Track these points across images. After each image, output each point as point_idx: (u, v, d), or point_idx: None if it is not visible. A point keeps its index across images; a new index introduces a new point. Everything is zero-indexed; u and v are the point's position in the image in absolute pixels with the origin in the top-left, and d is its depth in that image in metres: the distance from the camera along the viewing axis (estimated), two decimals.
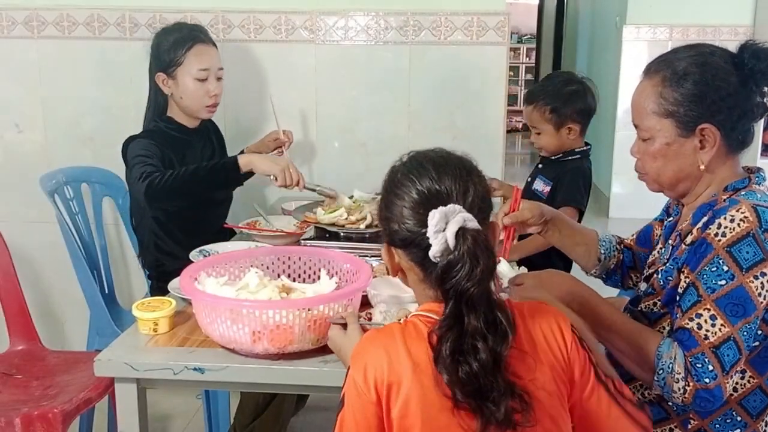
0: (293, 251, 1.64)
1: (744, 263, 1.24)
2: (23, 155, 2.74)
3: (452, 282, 0.99)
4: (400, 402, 1.01)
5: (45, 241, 2.75)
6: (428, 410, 1.00)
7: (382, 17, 2.61)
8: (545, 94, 2.22)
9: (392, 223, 1.08)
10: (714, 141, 1.33)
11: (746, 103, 1.33)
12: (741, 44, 1.34)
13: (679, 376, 1.24)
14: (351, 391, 1.04)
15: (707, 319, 1.25)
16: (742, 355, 1.25)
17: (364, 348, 1.06)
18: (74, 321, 2.82)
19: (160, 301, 1.50)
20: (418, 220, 1.04)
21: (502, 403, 0.99)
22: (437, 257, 1.01)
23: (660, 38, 3.74)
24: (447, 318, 1.00)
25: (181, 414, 2.67)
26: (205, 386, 1.99)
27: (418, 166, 1.09)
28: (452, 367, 0.98)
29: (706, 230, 1.29)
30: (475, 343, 0.99)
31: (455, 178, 1.06)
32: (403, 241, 1.07)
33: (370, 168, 2.71)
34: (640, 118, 1.39)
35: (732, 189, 1.35)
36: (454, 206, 1.02)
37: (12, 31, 2.65)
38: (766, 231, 1.25)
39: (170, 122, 2.24)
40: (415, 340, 1.03)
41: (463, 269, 0.99)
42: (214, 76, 2.20)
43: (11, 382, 2.02)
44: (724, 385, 1.24)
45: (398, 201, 1.08)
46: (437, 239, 1.01)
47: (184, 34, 2.18)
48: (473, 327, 0.99)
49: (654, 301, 1.42)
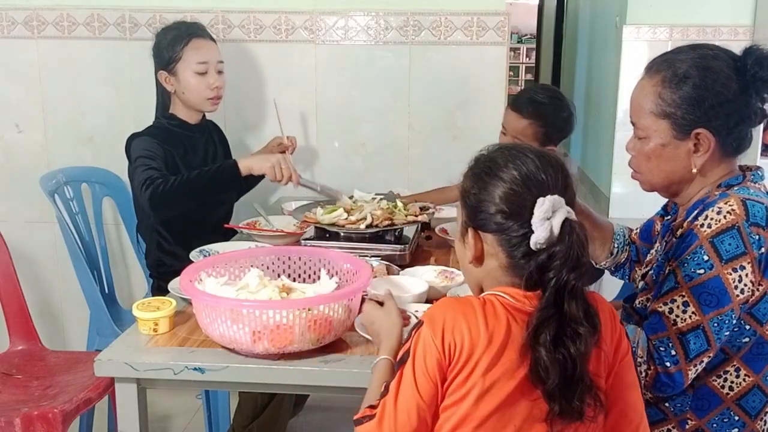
0: (293, 251, 1.64)
1: (724, 255, 1.25)
2: (23, 155, 2.74)
3: (555, 272, 1.01)
4: (466, 370, 1.02)
5: (45, 241, 2.76)
6: (490, 385, 1.02)
7: (382, 17, 2.61)
8: (541, 114, 2.14)
9: (489, 206, 1.07)
10: (708, 146, 1.33)
11: (745, 110, 1.33)
12: (745, 48, 1.33)
13: (641, 359, 1.27)
14: (421, 347, 1.04)
15: (680, 305, 1.27)
16: (711, 347, 1.26)
17: (443, 311, 1.06)
18: (74, 321, 2.83)
19: (160, 301, 1.50)
20: (521, 206, 1.04)
21: (585, 395, 1.02)
22: (540, 244, 1.02)
23: (660, 38, 3.74)
24: (546, 306, 1.01)
25: (181, 414, 2.67)
26: (205, 386, 1.99)
27: (520, 154, 1.09)
28: (551, 352, 1.00)
29: (694, 222, 1.30)
30: (576, 329, 1.01)
31: (557, 171, 1.07)
32: (500, 225, 1.07)
33: (370, 168, 2.71)
34: (638, 116, 1.39)
35: (726, 185, 1.35)
36: (560, 197, 1.03)
37: (12, 31, 2.65)
38: (753, 225, 1.25)
39: (172, 119, 2.27)
40: (493, 317, 1.04)
41: (569, 260, 1.00)
42: (215, 69, 2.22)
43: (11, 382, 2.02)
44: (686, 372, 1.26)
45: (501, 183, 1.07)
46: (543, 226, 1.02)
47: (181, 30, 2.23)
48: (573, 315, 1.01)
49: (647, 296, 1.42)
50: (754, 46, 1.33)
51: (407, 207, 2.05)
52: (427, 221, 2.03)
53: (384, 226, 1.90)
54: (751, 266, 1.25)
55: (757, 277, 1.26)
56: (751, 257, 1.25)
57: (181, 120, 2.27)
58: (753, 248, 1.25)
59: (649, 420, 1.39)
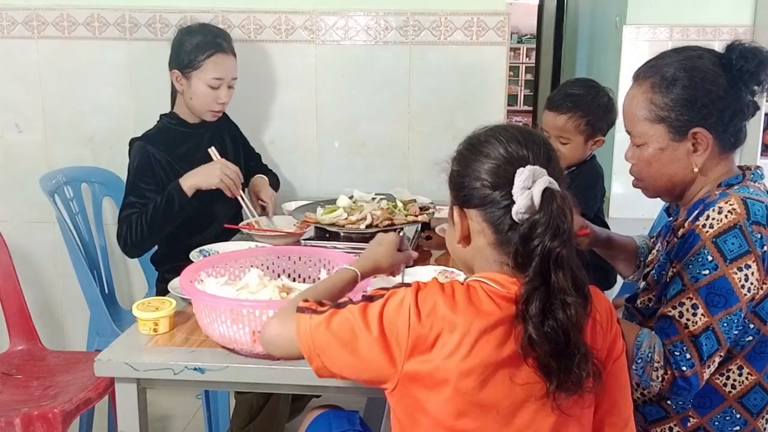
0: (293, 251, 1.65)
1: (728, 254, 1.25)
2: (23, 155, 2.74)
3: (538, 240, 1.01)
4: (449, 346, 1.00)
5: (45, 241, 2.75)
6: (473, 364, 1.00)
7: (382, 17, 2.61)
8: (580, 105, 2.08)
9: (472, 180, 1.08)
10: (707, 144, 1.34)
11: (737, 104, 1.34)
12: (728, 45, 1.35)
13: (658, 364, 1.27)
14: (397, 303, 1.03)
15: (689, 308, 1.27)
16: (722, 346, 1.27)
17: (430, 292, 1.04)
18: (74, 321, 2.83)
19: (160, 301, 1.50)
20: (503, 177, 1.05)
21: (582, 367, 1.01)
22: (521, 213, 1.02)
23: (660, 38, 3.74)
24: (533, 278, 1.01)
25: (181, 414, 2.67)
26: (205, 386, 1.99)
27: (504, 131, 1.10)
28: (540, 323, 0.99)
29: (695, 222, 1.30)
30: (564, 298, 1.00)
31: (539, 146, 1.08)
32: (483, 198, 1.07)
33: (370, 168, 2.71)
34: (633, 125, 1.40)
35: (725, 185, 1.36)
36: (540, 168, 1.04)
37: (12, 31, 2.65)
38: (754, 223, 1.26)
39: (173, 117, 2.29)
40: (480, 298, 1.03)
41: (550, 228, 1.00)
42: (227, 85, 2.23)
43: (11, 382, 2.02)
44: (701, 374, 1.26)
45: (482, 158, 1.08)
46: (523, 195, 1.02)
47: (207, 39, 2.20)
48: (561, 286, 1.01)
49: (649, 296, 1.43)
50: (735, 42, 1.35)
51: (407, 207, 2.05)
52: (427, 221, 2.03)
53: (384, 226, 1.90)
54: (757, 264, 1.25)
55: (762, 275, 1.27)
56: (755, 255, 1.25)
57: (181, 119, 2.28)
58: (756, 246, 1.25)
59: (651, 418, 1.40)
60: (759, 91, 1.35)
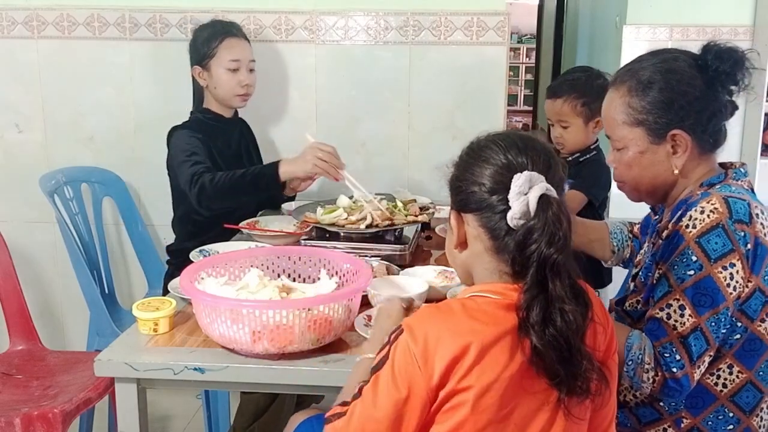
0: (293, 251, 1.64)
1: (712, 254, 1.26)
2: (23, 155, 2.74)
3: (534, 247, 1.00)
4: (454, 379, 0.98)
5: (45, 241, 2.75)
6: (490, 380, 0.99)
7: (382, 17, 2.61)
8: (575, 87, 2.19)
9: (470, 184, 1.08)
10: (686, 146, 1.35)
11: (714, 104, 1.35)
12: (703, 46, 1.36)
13: (649, 366, 1.27)
14: (401, 357, 1.00)
15: (676, 309, 1.27)
16: (711, 346, 1.27)
17: (424, 322, 1.02)
18: (74, 321, 2.83)
19: (160, 301, 1.50)
20: (500, 182, 1.05)
21: (588, 372, 1.01)
22: (516, 219, 1.02)
23: (660, 38, 3.74)
24: (531, 286, 1.00)
25: (181, 414, 2.67)
26: (205, 386, 1.99)
27: (505, 137, 1.10)
28: (542, 332, 0.99)
29: (678, 223, 1.30)
30: (562, 307, 1.00)
31: (540, 154, 1.08)
32: (479, 203, 1.07)
33: (370, 168, 2.71)
34: (612, 129, 1.41)
35: (707, 184, 1.37)
36: (538, 174, 1.04)
37: (12, 31, 2.65)
38: (736, 222, 1.26)
39: (207, 112, 2.34)
40: (476, 318, 1.01)
41: (545, 234, 1.00)
42: (246, 68, 2.30)
43: (11, 382, 2.02)
44: (692, 375, 1.26)
45: (482, 163, 1.08)
46: (519, 201, 1.02)
47: (216, 28, 2.31)
48: (558, 294, 1.00)
49: (637, 299, 1.43)
50: (710, 43, 1.36)
51: (407, 207, 2.05)
52: (427, 221, 2.03)
53: (384, 226, 1.90)
54: (741, 262, 1.26)
55: (746, 273, 1.27)
56: (740, 254, 1.26)
57: (216, 113, 2.34)
58: (740, 244, 1.26)
59: (644, 420, 1.40)
60: (736, 90, 1.36)
